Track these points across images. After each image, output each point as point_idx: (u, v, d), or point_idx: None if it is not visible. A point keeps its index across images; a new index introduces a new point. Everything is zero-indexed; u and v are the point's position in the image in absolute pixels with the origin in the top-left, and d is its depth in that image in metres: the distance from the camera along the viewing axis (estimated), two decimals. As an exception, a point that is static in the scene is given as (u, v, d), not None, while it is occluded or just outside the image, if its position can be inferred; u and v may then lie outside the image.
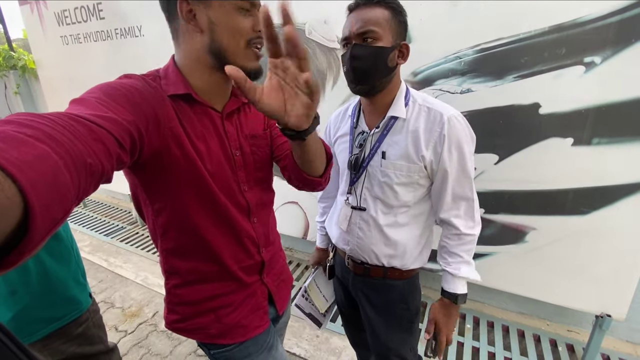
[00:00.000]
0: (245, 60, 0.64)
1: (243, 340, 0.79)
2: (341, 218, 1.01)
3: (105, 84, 0.55)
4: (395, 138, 0.88)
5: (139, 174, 0.64)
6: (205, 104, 0.67)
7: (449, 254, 0.92)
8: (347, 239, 1.01)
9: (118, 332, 1.90)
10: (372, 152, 0.91)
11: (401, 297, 1.00)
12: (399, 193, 0.90)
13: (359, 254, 0.99)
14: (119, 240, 2.87)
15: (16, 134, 0.30)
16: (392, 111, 0.87)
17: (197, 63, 0.64)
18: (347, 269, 1.06)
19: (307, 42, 1.73)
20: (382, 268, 0.98)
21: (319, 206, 1.23)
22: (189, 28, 0.61)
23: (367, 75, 0.82)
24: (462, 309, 1.94)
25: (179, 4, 0.60)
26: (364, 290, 1.04)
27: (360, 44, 0.80)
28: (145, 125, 0.55)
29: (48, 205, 0.29)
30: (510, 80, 1.33)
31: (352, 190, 0.98)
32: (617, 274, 1.34)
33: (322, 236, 1.24)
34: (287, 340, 1.77)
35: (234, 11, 0.61)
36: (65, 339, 1.01)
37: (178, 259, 0.74)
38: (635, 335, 1.68)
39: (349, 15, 0.83)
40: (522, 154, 1.38)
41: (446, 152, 0.83)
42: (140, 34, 2.36)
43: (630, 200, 1.26)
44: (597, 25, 1.16)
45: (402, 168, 0.88)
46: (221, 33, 0.61)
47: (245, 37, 0.62)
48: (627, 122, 1.20)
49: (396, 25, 0.80)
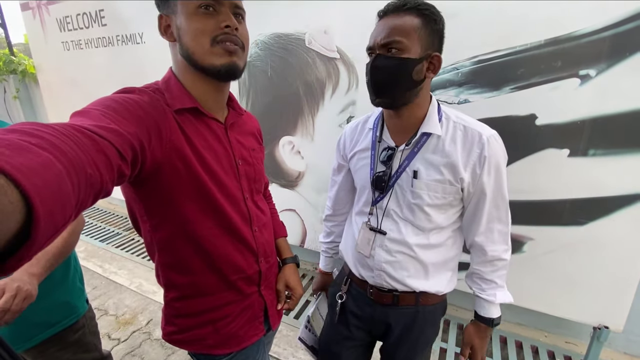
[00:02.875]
0: (213, 58, 0.63)
1: (237, 349, 0.79)
2: (361, 243, 0.91)
3: (107, 98, 0.55)
4: (430, 157, 0.81)
5: (139, 189, 0.64)
6: (209, 116, 0.69)
7: (483, 281, 0.88)
8: (371, 265, 0.90)
9: (111, 340, 1.87)
10: (400, 171, 0.84)
11: (433, 321, 0.94)
12: (431, 215, 0.83)
13: (386, 281, 0.89)
14: (114, 246, 2.85)
15: (20, 141, 0.31)
16: (426, 127, 0.80)
17: (185, 72, 0.67)
18: (370, 300, 0.94)
19: (307, 52, 1.75)
20: (414, 295, 0.89)
21: (325, 225, 1.14)
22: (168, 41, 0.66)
23: (388, 87, 0.76)
24: (459, 319, 1.92)
25: (158, 21, 0.65)
26: (392, 320, 0.93)
27: (383, 55, 0.74)
28: (147, 138, 0.55)
29: (51, 212, 0.30)
30: (507, 92, 1.35)
31: (373, 211, 0.90)
32: (615, 285, 1.34)
33: (327, 258, 1.15)
34: (283, 350, 1.75)
35: (194, 12, 0.61)
36: (61, 346, 1.00)
37: (176, 273, 0.74)
38: (633, 347, 1.68)
39: (378, 23, 0.77)
40: (519, 164, 1.39)
41: (485, 174, 0.78)
42: (142, 40, 2.38)
43: (626, 211, 1.27)
44: (591, 38, 1.18)
45: (437, 189, 0.81)
46: (185, 37, 0.63)
47: (209, 35, 0.62)
48: (622, 133, 1.22)
49: (427, 35, 0.74)
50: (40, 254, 0.84)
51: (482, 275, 0.88)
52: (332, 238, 1.13)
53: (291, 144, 1.97)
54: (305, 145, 1.93)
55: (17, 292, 0.73)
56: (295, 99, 1.86)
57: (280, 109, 1.93)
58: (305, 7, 1.69)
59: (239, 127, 0.79)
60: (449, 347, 1.75)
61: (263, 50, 1.88)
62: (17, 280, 0.75)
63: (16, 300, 0.72)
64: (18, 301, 0.72)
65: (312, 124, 1.85)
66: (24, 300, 0.74)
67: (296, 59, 1.79)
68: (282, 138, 1.99)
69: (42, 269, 0.83)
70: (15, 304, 0.72)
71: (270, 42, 1.85)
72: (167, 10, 0.64)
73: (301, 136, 1.92)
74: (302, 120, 1.89)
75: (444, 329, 1.88)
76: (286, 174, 2.04)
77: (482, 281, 0.88)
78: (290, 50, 1.79)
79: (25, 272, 0.79)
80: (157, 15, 0.66)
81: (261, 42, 1.87)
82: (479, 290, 0.89)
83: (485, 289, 0.88)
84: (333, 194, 1.08)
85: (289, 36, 1.78)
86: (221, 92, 0.72)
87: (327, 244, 1.14)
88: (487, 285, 0.88)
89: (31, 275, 0.79)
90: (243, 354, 0.81)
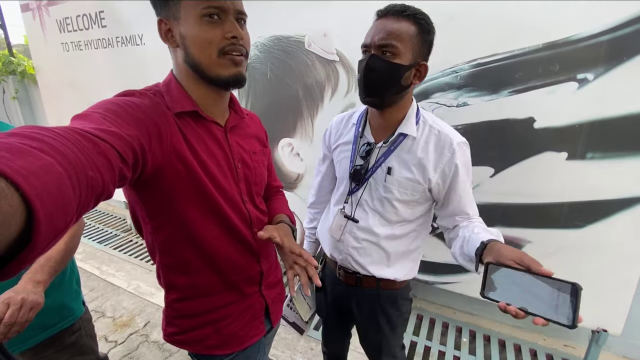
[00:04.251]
0: (221, 69, 0.63)
1: (238, 349, 0.79)
2: (334, 227, 1.00)
3: (107, 101, 0.55)
4: (403, 156, 0.87)
5: (140, 191, 0.64)
6: (209, 119, 0.69)
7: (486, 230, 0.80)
8: (340, 248, 0.99)
9: (108, 342, 1.86)
10: (376, 166, 0.90)
11: (394, 304, 1.01)
12: (398, 209, 0.90)
13: (351, 264, 0.98)
14: (112, 247, 2.84)
15: (21, 145, 0.31)
16: (403, 128, 0.86)
17: (187, 77, 0.66)
18: (338, 280, 1.04)
19: (307, 54, 1.76)
20: (375, 279, 0.97)
21: (309, 212, 1.22)
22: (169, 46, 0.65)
23: (379, 89, 0.81)
24: (458, 322, 1.92)
25: (158, 25, 0.64)
26: (356, 300, 1.03)
27: (378, 55, 0.78)
28: (148, 141, 0.55)
29: (52, 215, 0.30)
30: (505, 95, 1.35)
31: (349, 200, 0.97)
32: (613, 289, 1.34)
33: (311, 243, 1.23)
34: (282, 353, 1.74)
35: (199, 21, 0.60)
36: (57, 348, 0.99)
37: (178, 275, 0.74)
38: (631, 351, 1.68)
39: (376, 21, 0.80)
40: (517, 167, 1.39)
41: (453, 177, 0.84)
42: (142, 42, 2.38)
43: (624, 214, 1.27)
44: (589, 43, 1.19)
45: (406, 186, 0.87)
46: (191, 46, 0.61)
47: (216, 46, 0.61)
48: (620, 137, 1.22)
49: (419, 44, 0.78)
50: (43, 260, 0.84)
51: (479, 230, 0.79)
52: (314, 224, 1.20)
53: (290, 146, 1.97)
54: (305, 148, 1.93)
55: (22, 304, 0.73)
56: (294, 101, 1.86)
57: (279, 111, 1.93)
58: (305, 10, 1.70)
59: (241, 129, 0.79)
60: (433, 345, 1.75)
61: (262, 52, 1.88)
62: (21, 292, 0.75)
63: (22, 312, 0.72)
64: (24, 313, 0.73)
65: (312, 126, 1.86)
66: (31, 310, 0.74)
67: (296, 62, 1.80)
68: (281, 140, 1.99)
69: (47, 276, 0.82)
70: (21, 316, 0.72)
71: (269, 45, 1.85)
72: (167, 14, 0.63)
73: (300, 138, 1.92)
74: (301, 122, 1.89)
75: (429, 328, 1.87)
76: (285, 176, 2.04)
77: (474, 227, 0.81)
78: (290, 52, 1.80)
79: (30, 281, 0.79)
80: (157, 19, 0.64)
81: (261, 45, 1.88)
82: (488, 234, 0.76)
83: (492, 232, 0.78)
84: (317, 183, 1.15)
85: (289, 38, 1.79)
86: (222, 97, 0.72)
87: (310, 229, 1.22)
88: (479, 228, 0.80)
89: (36, 284, 0.79)
90: (244, 354, 0.81)
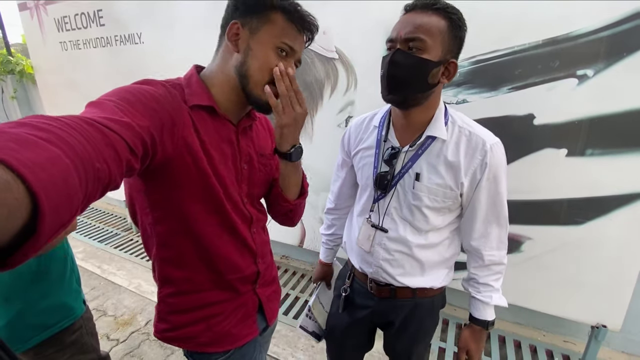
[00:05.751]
0: (263, 93, 0.66)
1: (231, 348, 0.79)
2: (362, 238, 0.93)
3: (123, 88, 0.55)
4: (432, 160, 0.81)
5: (145, 180, 0.64)
6: (223, 117, 0.70)
7: (479, 284, 0.89)
8: (370, 261, 0.93)
9: (110, 340, 1.87)
10: (403, 172, 0.84)
11: (430, 312, 0.96)
12: (428, 217, 0.84)
13: (383, 276, 0.92)
14: (112, 246, 2.84)
15: (29, 136, 0.31)
16: (431, 130, 0.80)
17: (225, 80, 0.68)
18: (371, 293, 0.97)
19: (306, 52, 1.75)
20: (410, 289, 0.91)
21: (326, 218, 1.16)
22: (229, 46, 0.66)
23: (402, 86, 0.74)
24: (458, 318, 1.93)
25: (231, 24, 0.65)
26: (390, 312, 0.97)
27: (403, 50, 0.72)
28: (159, 131, 0.55)
29: (57, 208, 0.30)
30: (505, 92, 1.35)
31: (374, 208, 0.91)
32: (612, 284, 1.35)
33: (328, 250, 1.18)
34: (282, 351, 1.75)
35: (272, 48, 0.65)
36: (58, 347, 0.99)
37: (174, 268, 0.74)
38: (630, 346, 1.68)
39: (403, 16, 0.75)
40: (517, 164, 1.39)
41: (485, 180, 0.78)
42: (140, 41, 2.37)
43: (624, 210, 1.27)
44: (589, 39, 1.19)
45: (437, 193, 0.81)
46: (252, 59, 0.65)
47: (271, 74, 0.66)
48: (620, 133, 1.22)
49: (450, 39, 0.72)
50: None
51: (478, 279, 0.89)
52: (332, 230, 1.15)
53: (290, 144, 1.97)
54: (304, 146, 1.91)
55: None
56: (293, 99, 1.85)
57: (278, 109, 1.93)
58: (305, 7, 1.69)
59: (252, 131, 0.80)
60: (448, 346, 1.75)
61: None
62: None
63: None
64: None
65: (311, 124, 1.85)
66: None
67: (295, 59, 1.79)
68: (281, 138, 1.98)
69: None
70: None
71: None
72: (244, 22, 0.65)
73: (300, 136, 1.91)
74: (300, 120, 1.88)
75: (442, 329, 1.88)
76: (285, 174, 2.03)
77: (478, 284, 0.90)
78: (289, 50, 1.79)
79: None
80: (231, 21, 0.65)
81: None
82: (474, 292, 0.90)
83: (481, 291, 0.89)
84: (336, 189, 1.09)
85: (288, 36, 1.78)
86: (245, 108, 0.74)
87: (327, 235, 1.17)
88: (483, 288, 0.89)
89: None
90: (239, 353, 0.81)
